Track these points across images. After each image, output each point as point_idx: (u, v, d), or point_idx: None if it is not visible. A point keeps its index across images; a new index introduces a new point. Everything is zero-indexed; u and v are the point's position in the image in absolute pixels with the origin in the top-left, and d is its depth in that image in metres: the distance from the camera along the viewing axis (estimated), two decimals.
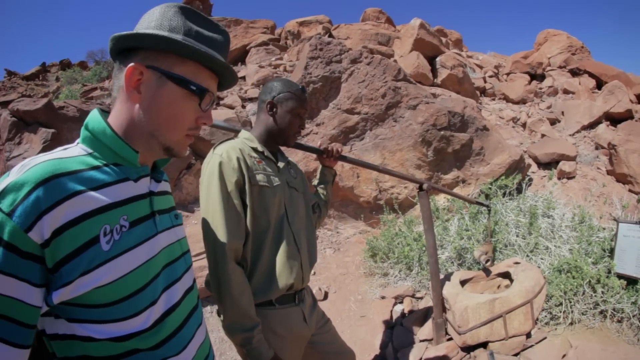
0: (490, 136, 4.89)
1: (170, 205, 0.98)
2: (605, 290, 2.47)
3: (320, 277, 4.07)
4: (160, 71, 0.80)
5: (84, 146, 0.79)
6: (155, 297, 0.80)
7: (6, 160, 4.64)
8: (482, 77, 8.85)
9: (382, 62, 4.92)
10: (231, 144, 1.42)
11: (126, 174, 0.80)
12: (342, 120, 4.78)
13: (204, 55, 0.82)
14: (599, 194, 4.92)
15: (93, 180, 0.73)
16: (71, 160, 0.73)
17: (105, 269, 0.70)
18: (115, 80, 0.83)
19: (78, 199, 0.68)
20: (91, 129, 0.79)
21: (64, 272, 0.66)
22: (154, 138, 0.83)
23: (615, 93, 6.93)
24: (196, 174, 5.11)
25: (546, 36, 10.45)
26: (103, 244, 0.71)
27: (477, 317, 2.32)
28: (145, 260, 0.79)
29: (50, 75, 11.74)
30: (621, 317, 2.41)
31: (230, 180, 1.33)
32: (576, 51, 9.66)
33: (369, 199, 4.74)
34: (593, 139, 6.35)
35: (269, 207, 1.41)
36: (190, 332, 0.90)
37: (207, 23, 0.88)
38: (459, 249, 3.38)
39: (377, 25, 9.54)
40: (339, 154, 1.89)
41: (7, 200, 0.61)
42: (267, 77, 7.44)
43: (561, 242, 3.06)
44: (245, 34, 10.06)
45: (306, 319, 1.52)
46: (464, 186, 4.79)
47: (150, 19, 0.82)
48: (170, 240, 0.90)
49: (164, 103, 0.81)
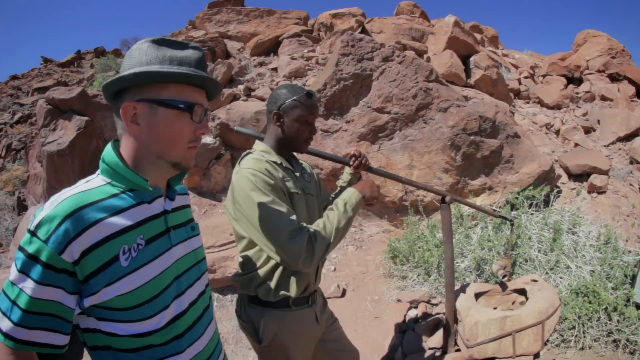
0: (521, 144, 4.80)
1: (188, 219, 1.13)
2: (621, 320, 2.42)
3: (340, 274, 4.14)
4: (150, 100, 0.91)
5: (103, 177, 0.93)
6: (167, 304, 0.95)
7: (41, 145, 4.90)
8: (517, 79, 8.59)
9: (414, 62, 4.87)
10: (256, 158, 1.47)
11: (141, 198, 0.95)
12: (371, 118, 4.78)
13: (181, 75, 0.91)
14: (628, 214, 4.76)
15: (112, 207, 0.88)
16: (93, 191, 0.88)
17: (125, 281, 0.87)
18: (117, 121, 0.96)
19: (100, 226, 0.84)
20: (107, 162, 0.93)
21: (92, 284, 0.84)
22: (161, 159, 0.95)
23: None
24: (225, 164, 5.24)
25: (585, 37, 9.95)
26: (122, 260, 0.87)
27: (486, 333, 2.34)
28: (160, 272, 0.94)
29: (85, 62, 12.12)
30: (634, 349, 2.36)
31: (269, 184, 1.38)
32: (616, 54, 9.16)
33: (394, 199, 4.75)
34: (628, 153, 6.07)
35: (297, 212, 1.47)
36: (202, 329, 1.07)
37: (178, 45, 0.96)
38: (479, 260, 3.38)
39: (411, 20, 9.37)
40: (366, 167, 1.87)
41: (42, 230, 0.79)
42: (299, 69, 7.47)
43: (583, 262, 3.02)
44: (278, 24, 10.09)
45: (318, 319, 1.63)
46: (491, 193, 4.74)
47: (131, 59, 0.92)
48: (185, 251, 1.05)
49: (161, 126, 0.92)
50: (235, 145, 5.46)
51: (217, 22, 10.15)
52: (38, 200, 5.87)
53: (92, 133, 5.23)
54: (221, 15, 10.21)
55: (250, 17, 10.23)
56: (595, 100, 7.76)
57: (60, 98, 5.12)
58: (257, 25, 10.08)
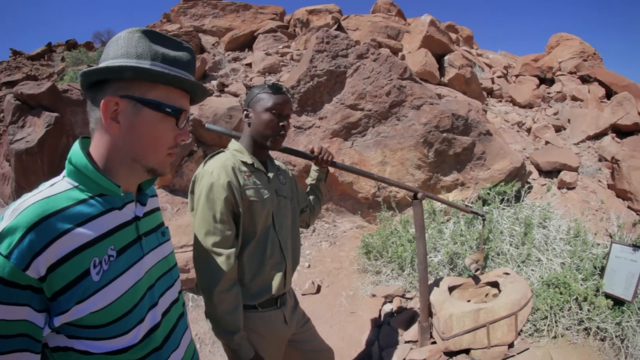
0: (492, 141, 4.87)
1: (158, 223, 1.04)
2: (591, 309, 2.49)
3: (315, 270, 4.11)
4: (135, 99, 0.83)
5: (69, 180, 0.83)
6: (142, 317, 0.88)
7: (9, 143, 4.65)
8: (491, 78, 8.75)
9: (388, 60, 4.88)
10: (222, 160, 1.43)
11: (111, 204, 0.86)
12: (345, 115, 4.76)
13: (174, 78, 0.85)
14: (597, 208, 4.91)
15: (80, 215, 0.79)
16: (58, 197, 0.78)
17: (97, 297, 0.79)
18: (91, 113, 0.87)
19: (67, 238, 0.75)
20: (74, 163, 0.83)
21: (62, 301, 0.74)
22: (137, 162, 0.88)
23: (623, 105, 6.82)
24: (197, 161, 5.12)
25: (559, 40, 10.28)
26: (93, 275, 0.79)
27: (461, 325, 2.36)
28: (133, 284, 0.87)
29: (56, 55, 11.60)
30: (604, 336, 2.43)
31: (220, 199, 1.36)
32: (588, 57, 9.50)
33: (367, 195, 4.75)
34: (597, 151, 6.29)
35: (256, 219, 1.45)
36: (177, 339, 1.00)
37: (171, 43, 0.90)
38: (452, 254, 3.40)
39: (388, 18, 9.41)
40: (329, 163, 1.86)
41: (4, 244, 0.69)
42: (273, 65, 7.38)
43: (554, 254, 3.07)
44: (253, 19, 9.95)
45: (287, 320, 1.60)
46: (463, 189, 4.79)
47: (117, 48, 0.84)
48: (156, 259, 0.98)
49: (143, 128, 0.85)
50: (208, 142, 5.34)
51: (192, 16, 9.93)
52: (7, 201, 5.57)
53: (62, 130, 4.98)
54: (197, 9, 9.99)
55: (226, 11, 10.05)
56: (566, 100, 8.02)
57: (29, 93, 4.85)
58: (232, 19, 9.91)
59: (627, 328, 2.41)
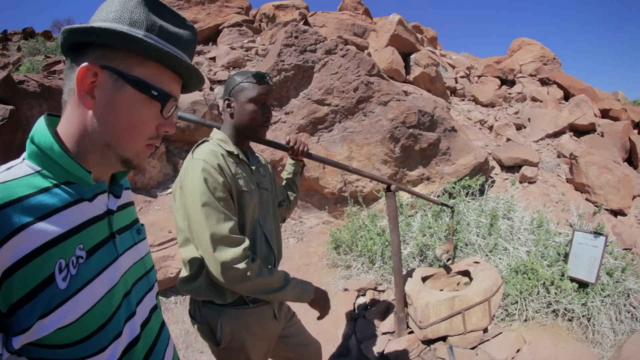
0: (457, 137, 4.99)
1: (132, 219, 0.90)
2: (558, 292, 2.62)
3: (284, 267, 4.04)
4: (118, 72, 0.69)
5: (30, 163, 0.67)
6: (119, 329, 0.73)
7: None
8: (454, 77, 9.01)
9: (357, 56, 4.89)
10: (210, 148, 1.36)
11: (80, 194, 0.70)
12: (311, 110, 4.73)
13: (168, 56, 0.71)
14: (557, 200, 5.17)
15: (42, 207, 0.63)
16: (16, 183, 0.62)
17: (65, 309, 0.63)
18: (66, 81, 0.72)
19: (26, 233, 0.59)
20: (37, 143, 0.67)
21: (21, 317, 0.59)
22: (110, 149, 0.73)
23: (581, 106, 7.27)
24: (160, 157, 4.91)
25: (520, 44, 10.80)
26: (59, 281, 0.63)
27: (437, 313, 2.39)
28: (106, 291, 0.72)
29: (12, 44, 10.88)
30: (571, 316, 2.58)
31: (219, 183, 1.28)
32: (548, 62, 10.03)
33: (333, 190, 4.74)
34: (556, 148, 6.65)
35: (245, 211, 1.38)
36: (160, 354, 0.86)
37: (173, 16, 0.77)
38: (421, 246, 3.44)
39: (354, 16, 9.47)
40: (305, 154, 1.83)
41: None
42: (238, 59, 7.24)
43: (519, 244, 3.18)
44: (219, 12, 9.71)
45: (276, 315, 1.55)
46: (429, 184, 4.89)
47: (109, 10, 0.71)
48: (132, 260, 0.83)
49: (122, 110, 0.71)
50: (171, 137, 5.15)
51: None
52: None
53: (18, 124, 4.60)
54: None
55: (192, 3, 9.74)
56: (526, 100, 8.41)
57: None
58: (197, 12, 9.63)
59: (592, 308, 2.56)
